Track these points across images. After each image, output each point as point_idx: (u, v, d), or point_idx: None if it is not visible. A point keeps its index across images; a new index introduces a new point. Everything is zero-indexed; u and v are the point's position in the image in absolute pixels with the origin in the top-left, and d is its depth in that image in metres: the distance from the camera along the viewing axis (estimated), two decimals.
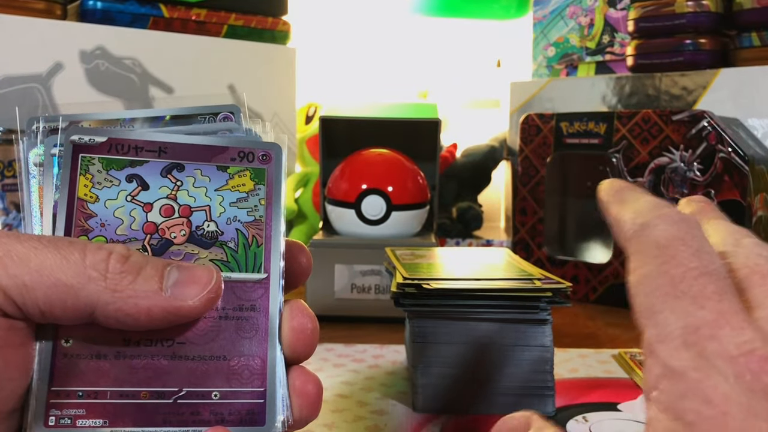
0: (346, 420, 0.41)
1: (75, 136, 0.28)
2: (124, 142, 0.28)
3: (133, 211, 0.28)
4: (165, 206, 0.28)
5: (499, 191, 1.09)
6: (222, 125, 0.30)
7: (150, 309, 0.24)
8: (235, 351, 0.27)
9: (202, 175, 0.29)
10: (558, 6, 0.94)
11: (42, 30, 0.71)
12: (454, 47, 1.20)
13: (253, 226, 0.29)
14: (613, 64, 0.89)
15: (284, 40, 0.93)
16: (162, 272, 0.25)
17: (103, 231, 0.27)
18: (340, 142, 0.74)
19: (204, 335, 0.27)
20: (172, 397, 0.26)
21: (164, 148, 0.28)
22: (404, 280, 0.43)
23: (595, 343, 0.59)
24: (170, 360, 0.26)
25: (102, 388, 0.26)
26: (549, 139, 0.76)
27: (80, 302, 0.24)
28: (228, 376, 0.27)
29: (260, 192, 0.29)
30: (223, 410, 0.26)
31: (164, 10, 0.79)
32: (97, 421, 0.25)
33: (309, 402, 0.28)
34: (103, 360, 0.26)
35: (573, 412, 0.43)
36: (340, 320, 0.63)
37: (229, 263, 0.28)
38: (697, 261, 0.20)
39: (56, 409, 0.25)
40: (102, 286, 0.24)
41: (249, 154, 0.29)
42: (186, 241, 0.28)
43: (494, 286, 0.42)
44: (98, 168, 0.28)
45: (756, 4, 0.73)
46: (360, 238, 0.66)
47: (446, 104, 1.12)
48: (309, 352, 0.28)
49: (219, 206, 0.29)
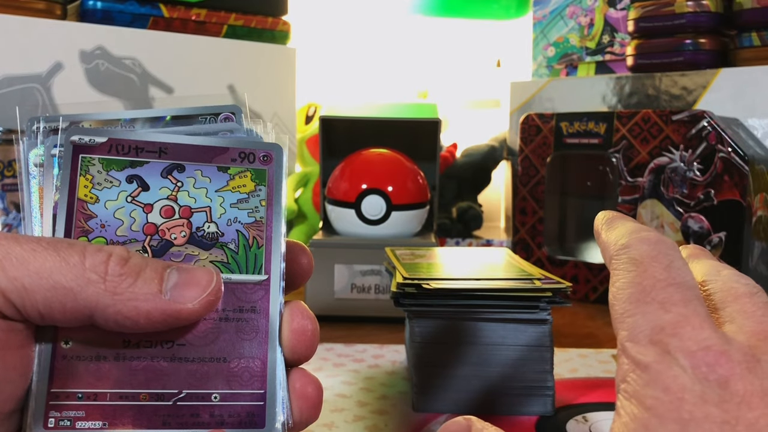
0: (346, 420, 0.41)
1: (75, 137, 0.28)
2: (124, 143, 0.28)
3: (134, 212, 0.28)
4: (165, 207, 0.28)
5: (499, 191, 1.09)
6: (223, 126, 0.30)
7: (149, 312, 0.24)
8: (235, 353, 0.27)
9: (202, 175, 0.28)
10: (558, 6, 0.94)
11: (42, 30, 0.71)
12: (454, 47, 1.20)
13: (254, 228, 0.28)
14: (613, 64, 0.89)
15: (284, 40, 0.93)
16: (162, 274, 0.25)
17: (103, 232, 0.27)
18: (340, 142, 0.74)
19: (204, 337, 0.27)
20: (172, 399, 0.26)
21: (165, 148, 0.28)
22: (404, 279, 0.43)
23: (595, 343, 0.59)
24: (170, 362, 0.26)
25: (101, 390, 0.26)
26: (549, 139, 0.76)
27: (79, 305, 0.24)
28: (228, 378, 0.27)
29: (261, 193, 0.29)
30: (223, 412, 0.26)
31: (164, 10, 0.79)
32: (96, 423, 0.25)
33: (309, 404, 0.27)
34: (102, 362, 0.26)
35: (573, 412, 0.43)
36: (340, 320, 0.63)
37: (230, 265, 0.28)
38: (666, 273, 0.22)
39: (56, 410, 0.25)
40: (101, 288, 0.24)
41: (250, 154, 0.29)
42: (186, 243, 0.28)
43: (494, 286, 0.42)
44: (98, 168, 0.28)
45: (756, 4, 0.73)
46: (360, 238, 0.66)
47: (446, 104, 1.12)
48: (309, 354, 0.28)
49: (219, 207, 0.28)
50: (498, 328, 0.43)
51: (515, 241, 0.80)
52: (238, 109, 0.30)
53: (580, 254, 0.78)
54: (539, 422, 0.41)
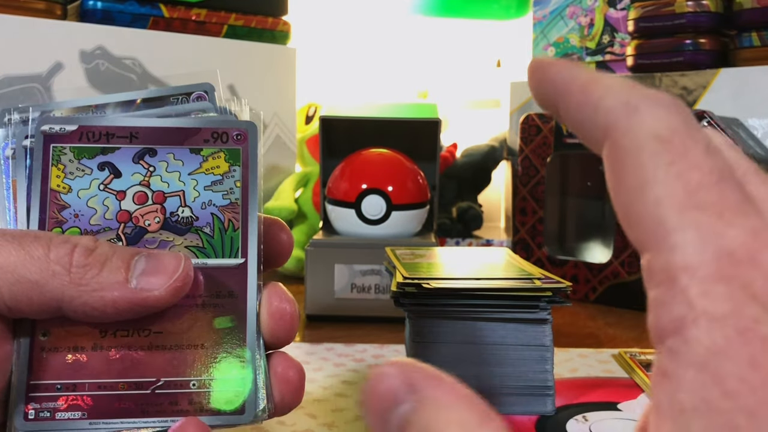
0: (346, 420, 0.41)
1: (46, 126, 0.27)
2: (94, 129, 0.27)
3: (107, 200, 0.27)
4: (138, 193, 0.27)
5: (499, 191, 1.08)
6: (195, 105, 0.29)
7: (115, 301, 0.24)
8: (213, 339, 0.27)
9: (174, 159, 0.28)
10: (558, 6, 0.94)
11: (42, 30, 0.71)
12: (454, 47, 1.20)
13: (229, 210, 0.28)
14: (613, 64, 0.89)
15: (284, 40, 0.93)
16: (129, 262, 0.25)
17: (77, 222, 0.27)
18: (340, 142, 0.74)
19: (180, 324, 0.26)
20: (150, 388, 0.26)
21: (135, 133, 0.28)
22: (404, 279, 0.43)
23: (595, 342, 0.59)
24: (147, 350, 0.26)
25: (80, 381, 0.25)
26: (549, 139, 0.76)
27: (46, 297, 0.23)
28: (206, 365, 0.26)
29: (235, 174, 0.28)
30: (202, 399, 0.26)
31: (164, 10, 0.79)
32: (75, 414, 0.25)
33: (291, 388, 0.27)
34: (80, 352, 0.26)
35: (573, 411, 0.43)
36: (340, 320, 0.63)
37: (205, 249, 0.27)
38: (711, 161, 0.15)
39: (35, 402, 0.25)
40: (66, 280, 0.23)
41: (223, 134, 0.28)
42: (160, 228, 0.27)
43: (494, 286, 0.42)
44: (70, 157, 0.27)
45: (756, 4, 0.73)
46: (360, 238, 0.66)
47: (446, 104, 1.12)
48: (290, 337, 0.28)
49: (193, 190, 0.28)
50: (498, 327, 0.43)
51: (515, 241, 0.80)
52: (210, 87, 0.29)
53: (580, 254, 0.78)
54: (539, 422, 0.41)
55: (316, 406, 0.43)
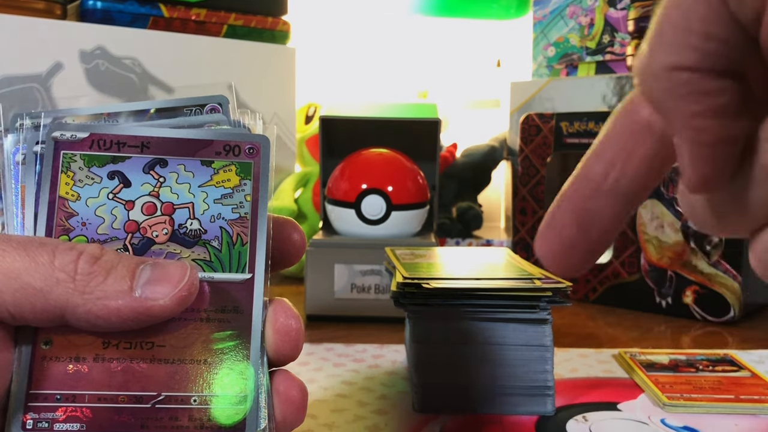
0: (347, 420, 0.41)
1: (57, 133, 0.27)
2: (106, 138, 0.27)
3: (115, 210, 0.27)
4: (147, 204, 0.27)
5: (499, 191, 1.08)
6: (209, 117, 0.28)
7: (119, 309, 0.24)
8: (216, 355, 0.26)
9: (185, 170, 0.27)
10: (558, 6, 0.94)
11: (42, 30, 0.71)
12: (454, 47, 1.20)
13: (238, 224, 0.27)
14: (613, 64, 0.89)
15: (284, 40, 0.93)
16: (134, 271, 0.24)
17: (84, 230, 0.26)
18: (340, 142, 0.74)
19: (184, 338, 0.26)
20: (150, 402, 0.25)
21: (147, 142, 0.27)
22: (404, 279, 0.43)
23: (595, 343, 0.58)
24: (149, 363, 0.26)
25: (80, 392, 0.25)
26: (549, 139, 0.76)
27: (49, 305, 0.23)
28: (208, 381, 0.26)
29: (246, 188, 0.28)
30: (203, 416, 0.25)
31: (164, 10, 0.79)
32: (74, 425, 0.25)
33: (293, 408, 0.27)
34: (81, 363, 0.25)
35: (573, 411, 0.43)
36: (340, 320, 0.63)
37: (212, 263, 0.27)
38: None
39: (34, 412, 0.25)
40: (71, 288, 0.23)
41: (235, 147, 0.28)
42: (168, 240, 0.27)
43: (494, 286, 0.42)
44: (80, 165, 0.27)
45: None
46: (360, 238, 0.66)
47: (446, 104, 1.12)
48: (294, 354, 0.27)
49: (203, 203, 0.27)
50: (498, 327, 0.43)
51: (515, 241, 0.80)
52: (225, 99, 0.29)
53: None
54: (539, 422, 0.41)
55: (316, 406, 0.43)
